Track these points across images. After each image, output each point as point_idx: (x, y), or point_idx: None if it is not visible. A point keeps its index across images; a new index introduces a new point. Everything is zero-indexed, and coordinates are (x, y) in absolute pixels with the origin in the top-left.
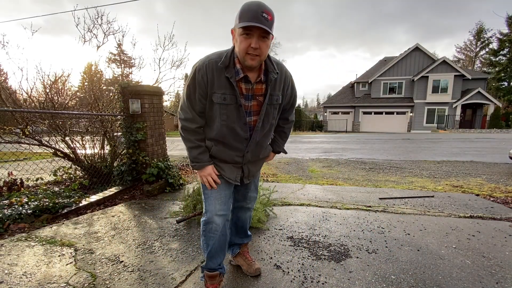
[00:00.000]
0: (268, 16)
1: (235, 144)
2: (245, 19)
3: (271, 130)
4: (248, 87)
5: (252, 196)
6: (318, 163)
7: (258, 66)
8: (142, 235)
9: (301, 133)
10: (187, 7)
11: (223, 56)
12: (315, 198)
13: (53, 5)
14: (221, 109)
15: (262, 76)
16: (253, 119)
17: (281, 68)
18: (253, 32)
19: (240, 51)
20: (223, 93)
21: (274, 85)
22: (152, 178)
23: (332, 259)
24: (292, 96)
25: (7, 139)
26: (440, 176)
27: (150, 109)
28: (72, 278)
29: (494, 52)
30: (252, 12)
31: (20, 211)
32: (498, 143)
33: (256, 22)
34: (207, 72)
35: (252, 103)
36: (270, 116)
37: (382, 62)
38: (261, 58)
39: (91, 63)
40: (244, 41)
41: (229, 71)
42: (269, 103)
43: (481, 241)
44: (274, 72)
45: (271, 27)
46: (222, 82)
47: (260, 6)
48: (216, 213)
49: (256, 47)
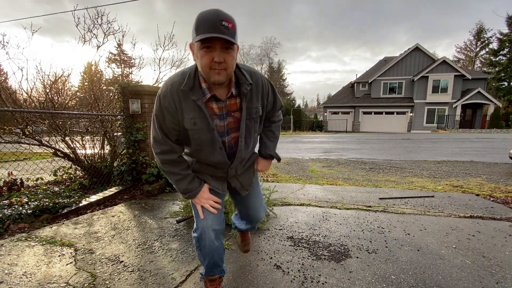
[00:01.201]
0: (228, 24)
1: (215, 165)
2: (203, 31)
3: (255, 141)
4: (220, 105)
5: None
6: (318, 163)
7: (226, 81)
8: (142, 235)
9: (301, 133)
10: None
11: (186, 75)
12: (315, 198)
13: (53, 5)
14: (193, 134)
15: (233, 90)
16: (232, 136)
17: (256, 77)
18: (214, 45)
19: (203, 67)
20: (191, 117)
21: (250, 98)
22: (152, 178)
23: (332, 259)
24: (274, 102)
25: (7, 139)
26: (440, 176)
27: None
28: (72, 278)
29: (494, 52)
30: (210, 22)
31: (20, 211)
32: (498, 143)
33: (216, 33)
34: (173, 98)
35: (228, 120)
36: (252, 131)
37: (382, 62)
38: (228, 72)
39: (91, 63)
40: (205, 56)
41: (194, 93)
42: (248, 118)
43: (481, 241)
44: (246, 84)
45: (234, 36)
46: (190, 106)
47: (218, 14)
48: (209, 229)
49: (220, 60)
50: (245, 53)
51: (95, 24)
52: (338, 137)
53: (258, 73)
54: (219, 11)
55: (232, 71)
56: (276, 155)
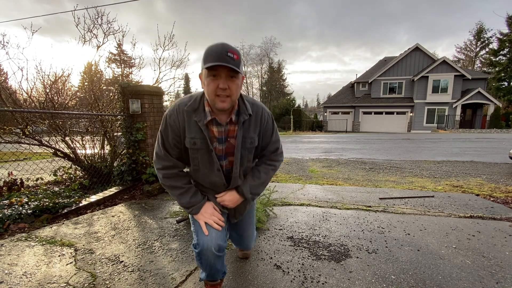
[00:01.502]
0: (233, 55)
1: (213, 187)
2: (210, 61)
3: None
4: (220, 129)
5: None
6: (318, 163)
7: (230, 108)
8: (142, 235)
9: (301, 133)
10: (187, 7)
11: (192, 99)
12: (315, 198)
13: (53, 5)
14: (192, 153)
15: (233, 116)
16: (229, 159)
17: (257, 108)
18: (220, 73)
19: (209, 94)
20: (192, 137)
21: (248, 127)
22: (152, 178)
23: (332, 259)
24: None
25: (7, 139)
26: (440, 176)
27: (150, 109)
28: (72, 278)
29: (494, 52)
30: (217, 53)
31: (20, 211)
32: (498, 143)
33: (222, 62)
34: (178, 117)
35: (226, 145)
36: (245, 160)
37: (382, 62)
38: (232, 99)
39: (91, 63)
40: (211, 83)
41: (197, 114)
42: (243, 147)
43: (481, 241)
44: (245, 113)
45: (239, 66)
46: (192, 127)
47: (224, 46)
48: (212, 245)
49: (224, 87)
50: (245, 53)
51: (95, 24)
52: (338, 137)
53: (260, 105)
54: (225, 44)
55: (236, 99)
56: (247, 195)
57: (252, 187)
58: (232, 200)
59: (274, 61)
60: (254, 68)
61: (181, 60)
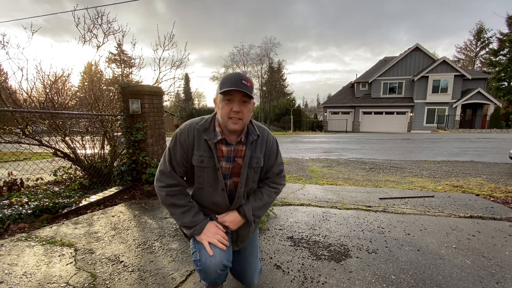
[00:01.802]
0: (247, 83)
1: (215, 207)
2: (226, 86)
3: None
4: (229, 148)
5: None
6: (318, 163)
7: (240, 131)
8: (142, 235)
9: (301, 133)
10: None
11: (204, 119)
12: (315, 198)
13: (53, 5)
14: (198, 171)
15: (242, 137)
16: (233, 180)
17: (263, 131)
18: (234, 97)
19: (222, 116)
20: (200, 155)
21: (255, 148)
22: (152, 178)
23: (332, 259)
24: (275, 162)
25: (7, 139)
26: (440, 176)
27: (150, 109)
28: (72, 278)
29: (494, 52)
30: (232, 80)
31: (20, 211)
32: (498, 143)
33: (237, 87)
34: (188, 135)
35: (233, 164)
36: (250, 180)
37: (382, 62)
38: (243, 122)
39: (91, 63)
40: (226, 106)
41: (207, 134)
42: (249, 166)
43: (481, 241)
44: (254, 134)
45: (251, 92)
46: (201, 145)
47: (239, 75)
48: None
49: (238, 110)
50: (245, 53)
51: (95, 24)
52: (338, 137)
53: (266, 129)
54: (240, 73)
55: (247, 122)
56: (249, 217)
57: (254, 208)
58: (233, 221)
59: (274, 61)
60: (254, 68)
61: (181, 60)
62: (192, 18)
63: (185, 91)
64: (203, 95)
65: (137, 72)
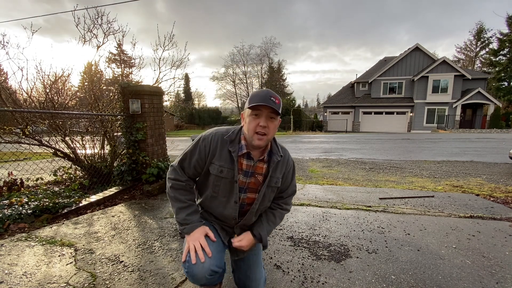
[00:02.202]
0: (275, 100)
1: (224, 220)
2: (254, 101)
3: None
4: (249, 163)
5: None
6: (318, 163)
7: (264, 147)
8: (142, 235)
9: (301, 133)
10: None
11: (230, 131)
12: (315, 198)
13: (53, 5)
14: (216, 180)
15: (265, 156)
16: (247, 196)
17: (286, 153)
18: (261, 112)
19: (249, 130)
20: (221, 165)
21: (275, 167)
22: (152, 178)
23: (332, 259)
24: (291, 184)
25: (7, 139)
26: (440, 176)
27: (150, 109)
28: (72, 278)
29: (494, 52)
30: (261, 96)
31: (20, 211)
32: (498, 143)
33: (265, 103)
34: (211, 143)
35: (250, 180)
36: (266, 199)
37: (382, 62)
38: (268, 138)
39: (91, 63)
40: (253, 121)
41: (232, 145)
42: (269, 185)
43: (481, 241)
44: (278, 155)
45: (279, 108)
46: (223, 155)
47: (268, 91)
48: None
49: (264, 125)
50: (245, 53)
51: (95, 24)
52: (338, 137)
53: (287, 152)
54: (269, 90)
55: (271, 139)
56: (265, 242)
57: (268, 231)
58: (250, 245)
59: (274, 61)
60: (254, 68)
61: (181, 60)
62: (192, 18)
63: (185, 91)
64: (203, 95)
65: (137, 72)
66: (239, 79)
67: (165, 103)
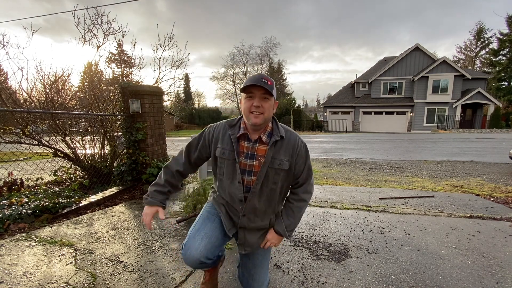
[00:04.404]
0: (267, 82)
1: (232, 203)
2: (246, 84)
3: (274, 198)
4: (249, 145)
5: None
6: (318, 163)
7: (263, 126)
8: (142, 235)
9: (301, 133)
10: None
11: (232, 119)
12: (315, 198)
13: (53, 4)
14: (220, 163)
15: (263, 136)
16: (252, 179)
17: (291, 135)
18: (255, 94)
19: (244, 111)
20: (223, 148)
21: (278, 149)
22: (152, 178)
23: (332, 259)
24: (304, 167)
25: (7, 139)
26: (440, 176)
27: (150, 109)
28: (72, 278)
29: (494, 52)
30: (253, 78)
31: (20, 211)
32: (498, 143)
33: (257, 83)
34: (215, 130)
35: (254, 162)
36: (270, 181)
37: (382, 62)
38: (265, 116)
39: (91, 63)
40: (247, 102)
41: (232, 129)
42: (270, 166)
43: (481, 241)
44: (277, 135)
45: (271, 89)
46: (225, 139)
47: (260, 75)
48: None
49: (258, 105)
50: (245, 53)
51: (95, 24)
52: (338, 137)
53: (296, 134)
54: (261, 74)
55: (269, 117)
56: (285, 234)
57: (287, 226)
58: (274, 241)
59: (274, 61)
60: (254, 68)
61: (181, 60)
62: (193, 18)
63: (185, 91)
64: (203, 95)
65: (137, 72)
66: (239, 79)
67: (165, 103)
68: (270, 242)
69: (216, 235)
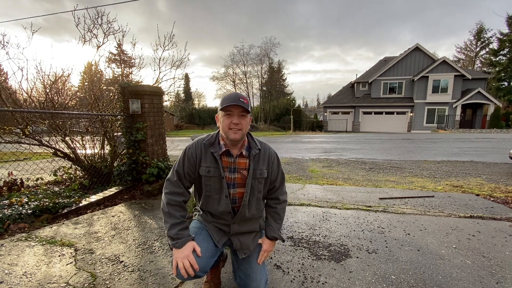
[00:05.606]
0: (244, 101)
1: (221, 216)
2: (226, 103)
3: (260, 205)
4: (230, 160)
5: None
6: (318, 163)
7: (241, 141)
8: (142, 235)
9: (301, 133)
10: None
11: (208, 136)
12: (315, 198)
13: (53, 4)
14: (206, 180)
15: (243, 151)
16: (237, 190)
17: (265, 146)
18: (233, 112)
19: (223, 128)
20: (207, 166)
21: (257, 160)
22: (152, 178)
23: (332, 259)
24: (278, 172)
25: (7, 139)
26: (440, 176)
27: (150, 109)
28: (72, 278)
29: (494, 52)
30: (231, 98)
31: (20, 211)
32: (498, 143)
33: (235, 103)
34: (196, 150)
35: (236, 175)
36: (256, 190)
37: (382, 62)
38: (243, 132)
39: (91, 63)
40: (226, 119)
41: (213, 147)
42: (253, 177)
43: (481, 241)
44: (256, 148)
45: (248, 107)
46: (208, 157)
47: (237, 94)
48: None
49: (237, 122)
50: (245, 53)
51: (95, 24)
52: (338, 137)
53: (267, 145)
54: (238, 93)
55: (245, 133)
56: (280, 237)
57: (279, 228)
58: (271, 247)
59: (274, 61)
60: (254, 68)
61: (181, 60)
62: (193, 18)
63: (185, 91)
64: (203, 95)
65: (137, 72)
66: (239, 79)
67: (165, 103)
68: (267, 252)
69: (205, 247)
